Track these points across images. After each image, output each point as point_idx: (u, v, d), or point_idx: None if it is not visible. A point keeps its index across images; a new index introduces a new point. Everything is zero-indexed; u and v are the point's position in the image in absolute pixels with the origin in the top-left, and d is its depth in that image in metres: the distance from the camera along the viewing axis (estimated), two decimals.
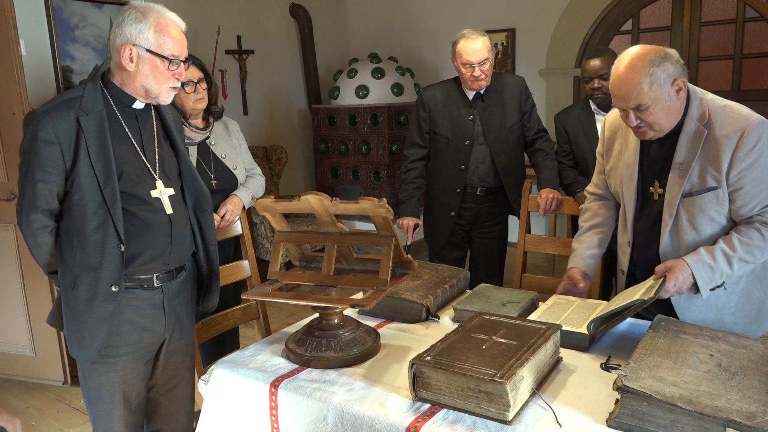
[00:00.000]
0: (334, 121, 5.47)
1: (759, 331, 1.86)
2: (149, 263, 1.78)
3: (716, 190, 1.72)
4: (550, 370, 1.54)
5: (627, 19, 4.88)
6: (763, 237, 1.70)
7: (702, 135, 1.72)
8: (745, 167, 1.68)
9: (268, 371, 1.64)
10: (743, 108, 1.74)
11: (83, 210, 1.67)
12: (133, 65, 1.68)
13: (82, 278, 1.71)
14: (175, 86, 1.75)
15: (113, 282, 1.72)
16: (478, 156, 2.91)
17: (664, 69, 1.66)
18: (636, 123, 1.73)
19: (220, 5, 4.98)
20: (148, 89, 1.72)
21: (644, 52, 1.68)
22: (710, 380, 1.32)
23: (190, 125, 2.44)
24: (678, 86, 1.69)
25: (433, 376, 1.40)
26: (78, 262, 1.70)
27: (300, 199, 1.66)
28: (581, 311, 1.80)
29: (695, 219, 1.75)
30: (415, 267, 1.78)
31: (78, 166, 1.66)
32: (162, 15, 1.69)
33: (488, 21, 5.31)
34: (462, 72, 2.81)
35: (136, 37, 1.66)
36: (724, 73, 4.63)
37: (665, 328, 1.59)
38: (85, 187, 1.66)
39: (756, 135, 1.66)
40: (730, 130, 1.68)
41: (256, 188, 2.59)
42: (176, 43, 1.70)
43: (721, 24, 4.57)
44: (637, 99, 1.68)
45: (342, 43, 6.18)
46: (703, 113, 1.73)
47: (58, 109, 1.66)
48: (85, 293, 1.71)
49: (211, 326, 2.20)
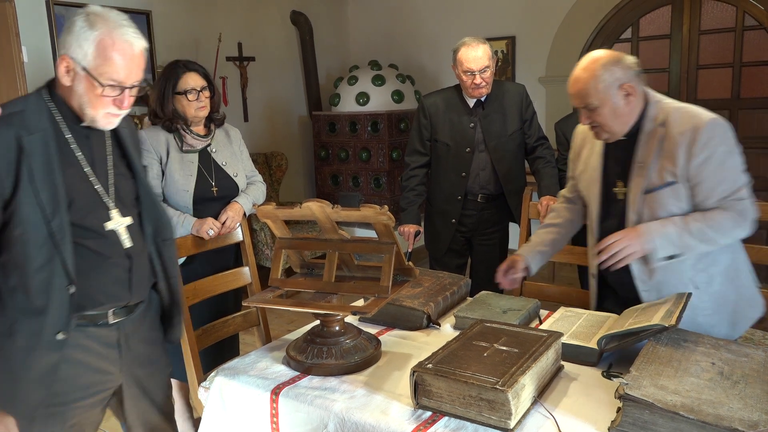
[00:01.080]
0: (334, 128, 5.48)
1: (734, 334, 1.89)
2: (103, 304, 1.54)
3: (674, 185, 1.80)
4: (552, 378, 1.54)
5: (627, 27, 4.90)
6: (722, 215, 1.75)
7: (658, 134, 1.81)
8: (701, 162, 1.76)
9: (269, 378, 1.63)
10: (698, 109, 1.82)
11: (25, 246, 1.41)
12: (69, 80, 1.44)
13: (22, 324, 1.44)
14: (115, 113, 1.49)
15: (59, 328, 1.45)
16: (479, 163, 2.91)
17: (612, 73, 1.77)
18: (587, 122, 1.86)
19: (221, 12, 5.00)
20: (84, 110, 1.47)
21: (598, 56, 1.81)
22: (712, 388, 1.32)
23: (191, 132, 2.44)
24: (626, 91, 1.79)
25: (435, 384, 1.40)
26: (18, 305, 1.44)
27: (301, 206, 1.66)
28: (589, 325, 1.79)
29: (657, 214, 1.82)
30: (416, 274, 1.78)
31: (19, 195, 1.39)
32: (113, 31, 1.42)
33: (488, 29, 5.33)
34: (463, 79, 2.82)
35: (75, 49, 1.41)
36: (724, 81, 4.64)
37: (667, 336, 1.58)
38: (28, 219, 1.40)
39: (709, 132, 1.75)
40: (684, 128, 1.77)
41: (257, 195, 2.59)
42: (119, 68, 1.42)
43: (721, 32, 4.58)
44: (585, 98, 1.80)
45: (342, 51, 6.20)
46: (659, 114, 1.83)
47: (2, 126, 1.40)
48: (24, 342, 1.44)
49: (211, 333, 2.19)
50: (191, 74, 2.38)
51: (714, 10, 4.58)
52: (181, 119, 2.40)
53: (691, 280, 1.83)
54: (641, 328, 1.57)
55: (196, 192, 2.40)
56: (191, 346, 2.02)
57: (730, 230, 1.77)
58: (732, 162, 1.77)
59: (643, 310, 1.71)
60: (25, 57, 3.28)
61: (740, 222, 1.76)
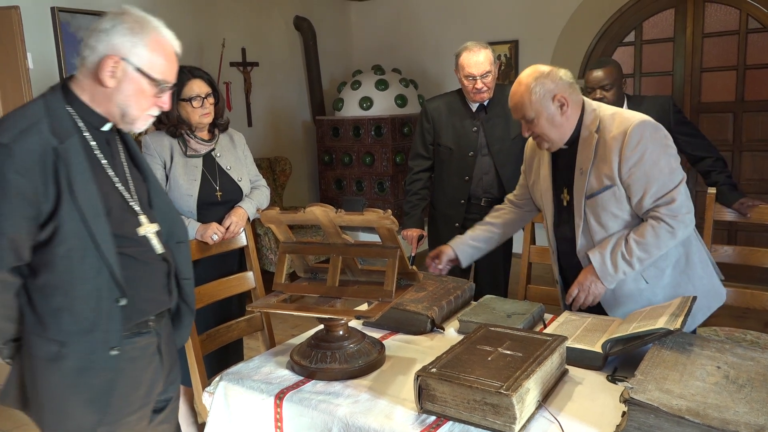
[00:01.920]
0: (338, 132, 5.49)
1: (692, 325, 1.97)
2: (149, 312, 1.52)
3: (612, 188, 1.87)
4: (556, 382, 1.54)
5: (630, 30, 4.91)
6: (656, 233, 1.83)
7: (594, 140, 1.89)
8: (633, 164, 1.82)
9: (273, 383, 1.63)
10: (631, 112, 1.90)
11: (71, 262, 1.35)
12: (114, 82, 1.39)
13: (71, 346, 1.38)
14: (154, 114, 1.49)
15: (113, 344, 1.41)
16: (482, 167, 2.91)
17: (543, 85, 1.86)
18: (528, 133, 1.95)
19: (225, 18, 5.02)
20: (125, 112, 1.43)
21: (532, 70, 1.90)
22: (718, 392, 1.31)
23: (196, 137, 2.45)
24: (560, 101, 1.87)
25: (439, 388, 1.39)
26: (64, 327, 1.37)
27: (305, 210, 1.66)
28: (594, 329, 1.78)
29: (600, 218, 1.91)
30: (419, 278, 1.78)
31: (62, 208, 1.33)
32: (159, 31, 1.43)
33: (491, 33, 5.34)
34: (464, 84, 2.83)
35: (128, 50, 1.38)
36: (728, 84, 4.63)
37: (672, 340, 1.58)
38: (72, 233, 1.34)
39: (638, 133, 1.81)
40: (615, 132, 1.85)
41: (260, 200, 2.59)
42: (169, 67, 1.44)
43: (724, 35, 4.58)
44: (521, 110, 1.90)
45: (346, 55, 6.21)
46: (594, 121, 1.91)
47: (28, 137, 1.31)
48: (75, 364, 1.39)
49: (216, 338, 2.19)
50: (196, 81, 2.39)
51: (717, 13, 4.58)
52: (185, 125, 2.41)
53: (641, 275, 1.92)
54: (646, 332, 1.57)
55: (200, 197, 2.41)
56: (195, 351, 2.03)
57: (667, 242, 1.84)
58: (663, 162, 1.82)
59: (647, 314, 1.71)
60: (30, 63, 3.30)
61: (674, 231, 1.82)
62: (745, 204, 2.53)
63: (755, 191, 4.60)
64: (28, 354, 1.42)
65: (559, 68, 1.91)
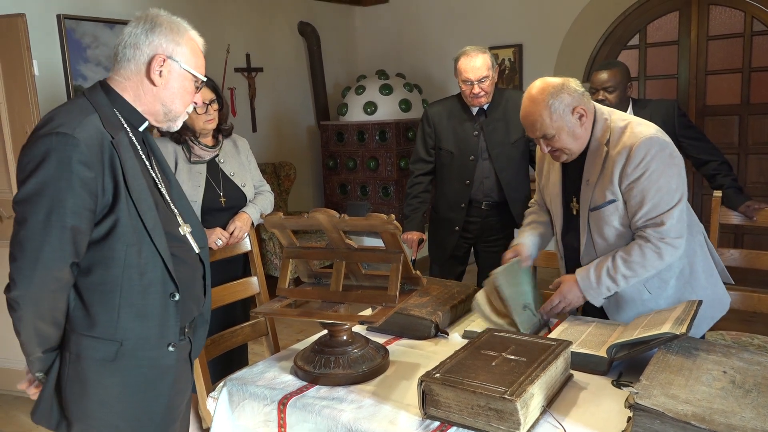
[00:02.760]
0: (342, 137, 5.50)
1: (696, 335, 1.91)
2: (194, 313, 1.54)
3: (615, 203, 1.85)
4: (561, 387, 1.53)
5: (634, 33, 4.90)
6: (642, 253, 1.80)
7: (602, 153, 1.86)
8: (632, 180, 1.80)
9: (277, 388, 1.63)
10: (641, 125, 1.84)
11: (129, 258, 1.36)
12: (162, 80, 1.43)
13: (129, 344, 1.37)
14: (189, 112, 1.55)
15: (170, 340, 1.43)
16: (483, 171, 2.91)
17: (561, 100, 1.81)
18: (547, 150, 1.90)
19: (229, 24, 5.04)
20: (169, 109, 1.47)
21: (543, 86, 1.84)
22: (724, 398, 1.30)
23: (200, 143, 2.45)
24: (579, 113, 1.83)
25: (443, 394, 1.39)
26: (122, 324, 1.36)
27: (308, 215, 1.66)
28: (598, 333, 1.77)
29: (602, 230, 1.89)
30: (423, 283, 1.77)
31: (119, 203, 1.34)
32: (191, 32, 1.50)
33: (495, 37, 5.34)
34: (462, 89, 2.84)
35: (173, 50, 1.43)
36: (733, 87, 4.61)
37: (677, 344, 1.57)
38: (130, 228, 1.35)
39: (643, 151, 1.77)
40: (621, 148, 1.81)
41: (264, 205, 2.60)
42: (203, 64, 1.52)
43: (729, 38, 4.57)
44: (541, 129, 1.84)
45: (350, 60, 6.22)
46: (604, 133, 1.86)
47: (88, 128, 1.32)
48: (133, 363, 1.39)
49: (220, 343, 2.19)
50: None
51: (722, 15, 4.57)
52: (189, 131, 2.42)
53: (644, 285, 1.89)
54: (651, 337, 1.56)
55: (204, 202, 2.42)
56: (200, 357, 2.03)
57: (653, 264, 1.81)
58: (663, 182, 1.78)
59: (652, 319, 1.70)
60: (36, 70, 3.32)
61: (660, 253, 1.79)
62: (750, 207, 2.52)
63: (761, 194, 4.57)
64: (77, 359, 1.37)
65: (567, 78, 1.87)
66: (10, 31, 2.98)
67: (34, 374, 1.41)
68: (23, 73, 3.00)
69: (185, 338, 1.53)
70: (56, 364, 1.39)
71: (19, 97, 3.03)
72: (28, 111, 3.03)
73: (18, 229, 1.30)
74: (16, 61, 3.00)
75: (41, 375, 1.40)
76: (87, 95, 1.43)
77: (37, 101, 3.04)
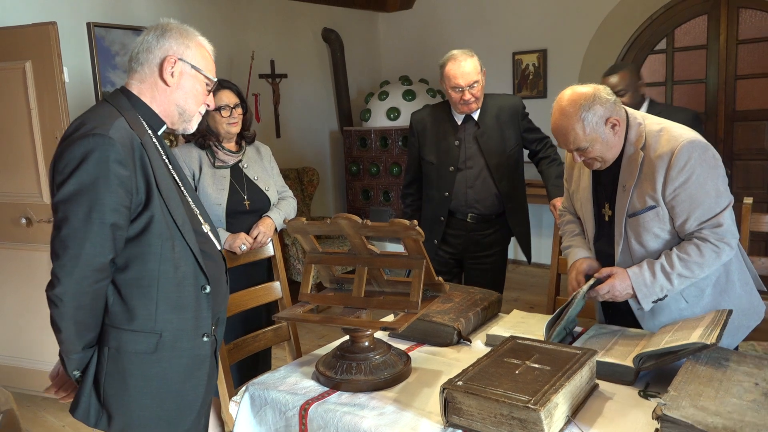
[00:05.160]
0: (365, 143, 5.51)
1: (732, 344, 1.88)
2: (221, 308, 1.61)
3: (656, 209, 1.80)
4: (586, 397, 1.50)
5: (661, 38, 4.82)
6: (701, 253, 1.76)
7: (639, 158, 1.81)
8: (678, 185, 1.75)
9: (298, 394, 1.63)
10: (678, 128, 1.81)
11: (164, 252, 1.43)
12: (174, 80, 1.50)
13: (168, 334, 1.44)
14: (202, 113, 1.61)
15: (205, 330, 1.50)
16: (465, 181, 2.75)
17: (595, 112, 1.77)
18: (581, 160, 1.87)
19: (254, 31, 5.09)
20: (183, 110, 1.54)
21: (575, 97, 1.79)
22: (756, 410, 1.26)
23: (224, 149, 2.48)
24: (612, 123, 1.80)
25: (465, 402, 1.37)
26: (160, 316, 1.43)
27: (331, 221, 1.66)
28: (625, 342, 1.74)
29: (641, 237, 1.84)
30: (446, 289, 1.76)
31: (152, 201, 1.41)
32: (199, 35, 1.58)
33: (519, 42, 5.31)
34: (451, 96, 2.67)
35: (183, 51, 1.50)
36: (764, 91, 4.51)
37: (706, 355, 1.53)
38: (163, 224, 1.43)
39: (686, 154, 1.73)
40: (662, 152, 1.77)
41: (288, 210, 2.61)
42: (213, 66, 1.59)
43: (759, 42, 4.47)
44: (575, 143, 1.80)
45: (373, 66, 6.24)
46: (639, 137, 1.82)
47: (120, 130, 1.39)
48: (174, 353, 1.46)
49: (243, 347, 2.21)
50: (225, 91, 2.43)
51: (752, 18, 4.48)
52: (213, 135, 2.45)
53: (681, 294, 1.85)
54: (680, 347, 1.52)
55: (228, 205, 2.44)
56: (222, 360, 2.04)
57: (711, 263, 1.77)
58: (710, 185, 1.75)
59: (680, 327, 1.66)
60: (66, 77, 3.39)
61: (719, 252, 1.76)
62: None
63: None
64: (117, 353, 1.42)
65: (597, 86, 1.82)
66: (41, 39, 3.05)
67: (71, 373, 1.44)
68: (54, 79, 3.07)
69: (212, 336, 1.57)
70: (93, 360, 1.44)
71: (49, 103, 3.10)
72: (58, 117, 3.09)
73: (60, 228, 1.36)
74: (47, 68, 3.07)
75: (77, 373, 1.44)
76: (110, 101, 1.50)
77: (66, 107, 3.10)
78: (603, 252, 1.98)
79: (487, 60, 5.37)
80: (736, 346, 1.94)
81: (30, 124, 3.16)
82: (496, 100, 2.81)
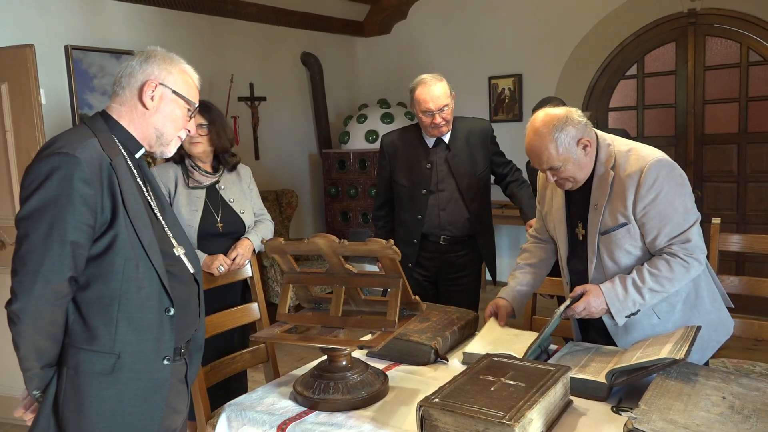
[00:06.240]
0: (344, 165, 5.55)
1: (702, 359, 1.93)
2: (188, 331, 1.58)
3: (627, 226, 1.86)
4: (560, 413, 1.52)
5: (632, 64, 4.97)
6: (671, 268, 1.81)
7: (610, 177, 1.87)
8: (648, 203, 1.81)
9: (276, 414, 1.63)
10: (646, 148, 1.88)
11: (127, 273, 1.41)
12: (153, 104, 1.51)
13: (127, 356, 1.41)
14: (182, 137, 1.61)
15: (166, 353, 1.47)
16: (438, 204, 2.77)
17: (567, 133, 1.83)
18: (553, 179, 1.92)
19: (233, 54, 5.13)
20: (161, 133, 1.55)
21: (548, 119, 1.85)
22: (723, 423, 1.30)
23: (199, 168, 2.49)
24: (584, 144, 1.86)
25: (441, 419, 1.39)
26: (120, 337, 1.40)
27: (308, 240, 1.68)
28: (598, 359, 1.77)
29: (614, 254, 1.90)
30: (423, 308, 1.78)
31: (117, 220, 1.41)
32: (184, 63, 1.59)
33: (496, 67, 5.42)
34: (422, 120, 2.69)
35: (164, 77, 1.52)
36: (730, 116, 4.66)
37: (676, 370, 1.57)
38: (127, 244, 1.42)
39: (654, 173, 1.80)
40: (631, 171, 1.83)
41: (265, 233, 2.60)
42: (195, 93, 1.60)
43: (725, 68, 4.63)
44: (548, 162, 1.86)
45: (352, 89, 6.31)
46: (609, 158, 1.89)
47: (89, 149, 1.40)
48: (131, 375, 1.42)
49: (219, 370, 2.19)
50: None
51: (718, 46, 4.64)
52: (187, 155, 2.46)
53: (653, 310, 1.90)
54: (650, 362, 1.56)
55: (201, 227, 2.44)
56: (199, 383, 2.02)
57: (680, 278, 1.82)
58: (678, 202, 1.82)
59: (651, 343, 1.70)
60: (43, 99, 3.37)
61: (688, 267, 1.82)
62: None
63: (761, 222, 4.58)
64: (75, 373, 1.40)
65: (568, 108, 1.89)
66: (18, 61, 3.04)
67: (31, 393, 1.42)
68: (30, 101, 3.05)
69: (181, 359, 1.56)
70: (53, 381, 1.42)
71: (25, 125, 3.08)
72: (34, 139, 3.07)
73: (20, 245, 1.36)
74: (24, 90, 3.06)
75: (38, 393, 1.42)
76: (87, 123, 1.51)
77: (43, 129, 3.09)
78: (576, 270, 2.02)
79: (464, 84, 5.48)
80: (707, 361, 1.98)
81: (5, 146, 3.13)
82: (465, 123, 2.84)
